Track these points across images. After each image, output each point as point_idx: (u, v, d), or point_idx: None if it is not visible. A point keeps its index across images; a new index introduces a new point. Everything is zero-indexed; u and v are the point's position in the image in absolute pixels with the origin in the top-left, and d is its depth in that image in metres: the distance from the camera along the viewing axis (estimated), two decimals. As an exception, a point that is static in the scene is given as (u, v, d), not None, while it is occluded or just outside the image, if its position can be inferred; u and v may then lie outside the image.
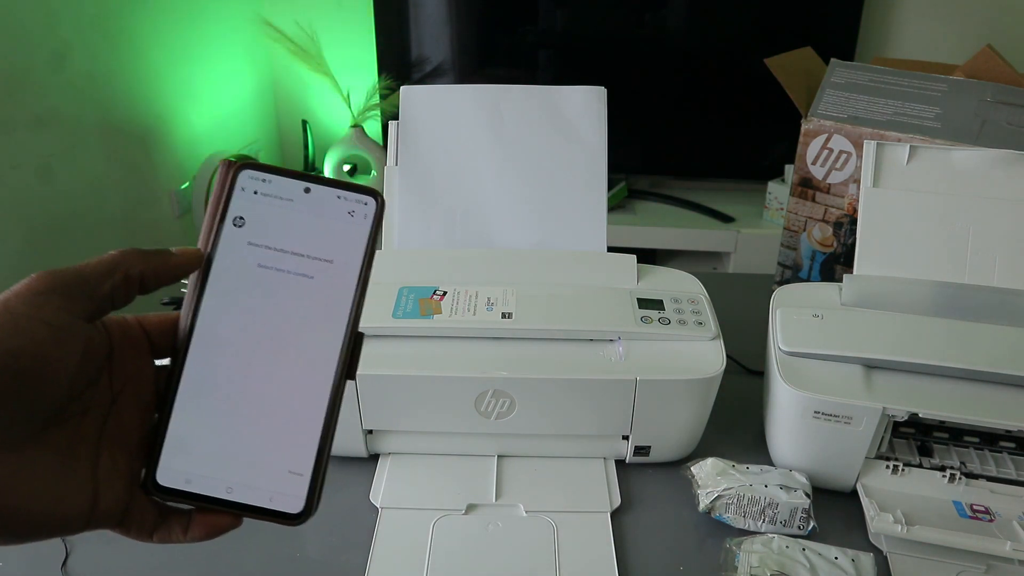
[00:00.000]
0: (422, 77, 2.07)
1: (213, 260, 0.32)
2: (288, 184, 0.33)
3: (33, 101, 1.34)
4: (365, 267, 0.33)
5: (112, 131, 1.55)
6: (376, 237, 0.33)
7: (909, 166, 0.72)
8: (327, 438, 0.32)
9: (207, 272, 0.32)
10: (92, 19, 1.47)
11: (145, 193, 1.68)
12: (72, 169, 1.44)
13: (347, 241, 0.33)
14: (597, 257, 0.73)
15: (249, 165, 0.33)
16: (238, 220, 0.33)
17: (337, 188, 0.33)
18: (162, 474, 0.31)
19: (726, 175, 2.15)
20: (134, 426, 0.31)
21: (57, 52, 1.39)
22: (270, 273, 0.32)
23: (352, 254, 0.33)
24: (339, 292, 0.32)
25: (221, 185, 0.33)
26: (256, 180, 0.33)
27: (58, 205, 1.41)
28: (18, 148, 1.30)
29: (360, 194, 0.33)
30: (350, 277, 0.32)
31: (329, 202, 0.33)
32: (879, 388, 0.60)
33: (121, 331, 0.32)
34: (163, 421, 0.31)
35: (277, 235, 0.32)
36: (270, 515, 0.31)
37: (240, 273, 0.32)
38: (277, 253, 0.32)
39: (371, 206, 0.33)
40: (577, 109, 0.75)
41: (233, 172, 0.33)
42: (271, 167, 0.33)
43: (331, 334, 0.32)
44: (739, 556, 0.55)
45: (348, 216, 0.33)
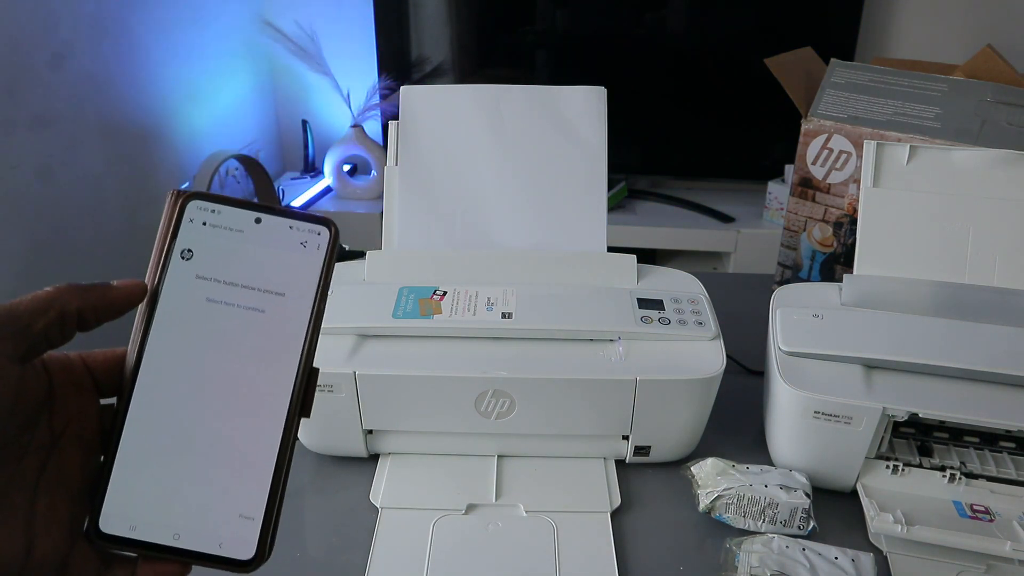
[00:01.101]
0: (422, 77, 2.07)
1: (160, 294, 0.31)
2: (238, 215, 0.32)
3: (33, 101, 1.34)
4: (318, 300, 0.32)
5: (112, 131, 1.55)
6: (330, 268, 0.32)
7: (909, 166, 0.72)
8: (279, 479, 0.30)
9: (153, 306, 0.31)
10: (92, 19, 1.47)
11: (145, 193, 1.68)
12: (72, 169, 1.44)
13: (299, 273, 0.32)
14: (597, 257, 0.73)
15: (197, 195, 0.32)
16: (186, 253, 0.31)
17: (289, 218, 0.32)
18: (105, 521, 0.29)
19: (726, 175, 2.15)
20: (76, 469, 0.30)
21: (57, 52, 1.39)
22: (219, 307, 0.31)
23: (304, 286, 0.32)
24: (291, 326, 0.31)
25: (169, 216, 0.32)
26: (205, 211, 0.32)
27: (58, 205, 1.41)
28: (18, 148, 1.30)
29: (312, 224, 0.32)
30: (302, 310, 0.31)
31: (281, 233, 0.32)
32: (879, 388, 0.60)
33: (62, 369, 0.30)
34: (107, 464, 0.30)
35: (227, 268, 0.31)
36: (220, 562, 0.30)
37: (188, 308, 0.31)
38: (227, 286, 0.31)
39: (324, 236, 0.32)
40: (577, 109, 0.75)
41: (181, 202, 0.32)
42: (220, 197, 0.32)
43: (283, 370, 0.31)
44: (739, 556, 0.55)
45: (300, 247, 0.32)
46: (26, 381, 0.28)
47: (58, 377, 0.30)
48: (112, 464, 0.30)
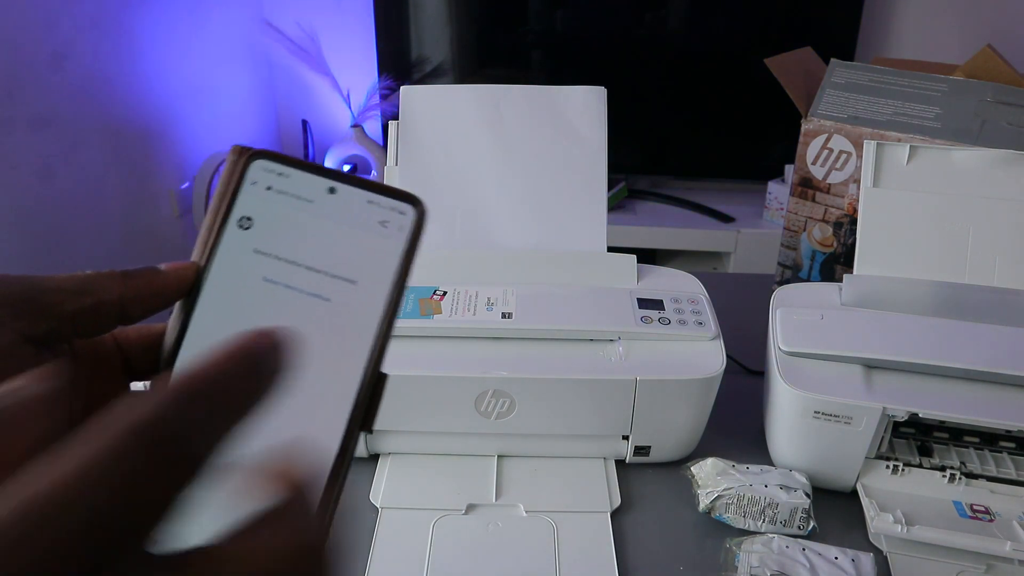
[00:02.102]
0: (422, 77, 2.07)
1: (211, 266, 0.27)
2: (309, 181, 0.27)
3: (33, 101, 1.34)
4: (395, 292, 0.26)
5: (112, 131, 1.55)
6: (413, 256, 0.27)
7: (909, 166, 0.72)
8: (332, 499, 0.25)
9: (202, 279, 0.27)
10: (92, 19, 1.48)
11: (145, 193, 1.68)
12: (72, 169, 1.44)
13: (376, 258, 0.27)
14: (597, 257, 0.73)
15: (264, 154, 0.27)
16: (244, 221, 0.27)
17: (369, 191, 0.27)
18: None
19: (726, 175, 2.15)
20: None
21: (57, 52, 1.39)
22: (278, 290, 0.26)
23: (380, 274, 0.27)
24: (360, 321, 0.26)
25: (228, 176, 0.27)
26: (271, 173, 0.27)
27: (58, 205, 1.41)
28: (18, 148, 1.31)
29: (397, 200, 0.27)
30: (375, 303, 0.26)
31: (358, 207, 0.27)
32: (879, 388, 0.60)
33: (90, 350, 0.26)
34: None
35: (290, 243, 0.27)
36: None
37: (241, 286, 0.27)
38: (288, 266, 0.27)
39: (409, 216, 0.27)
40: (577, 109, 0.75)
41: (244, 161, 0.27)
42: (291, 159, 0.27)
43: (346, 373, 0.26)
44: (739, 556, 0.55)
45: (380, 227, 0.27)
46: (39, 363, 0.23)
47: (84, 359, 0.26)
48: None
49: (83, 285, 0.24)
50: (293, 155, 0.27)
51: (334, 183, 0.27)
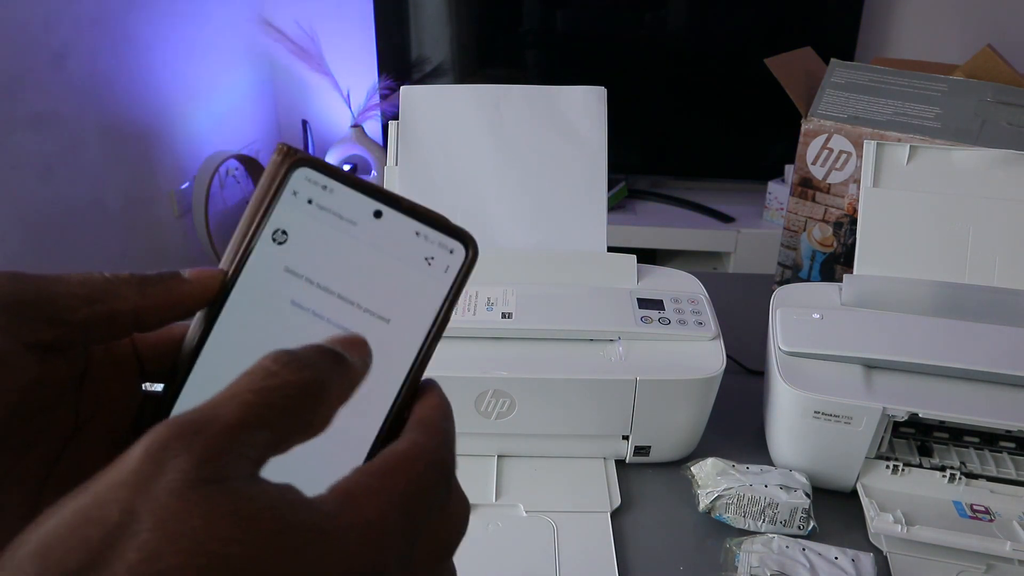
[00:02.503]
0: (422, 77, 2.07)
1: (239, 278, 0.25)
2: (355, 200, 0.24)
3: (33, 101, 1.34)
4: (431, 338, 0.24)
5: (112, 131, 1.55)
6: (456, 300, 0.25)
7: (909, 166, 0.72)
8: None
9: (228, 291, 0.25)
10: (92, 19, 1.48)
11: (145, 193, 1.68)
12: (72, 169, 1.44)
13: (416, 296, 0.24)
14: (597, 257, 0.73)
15: (310, 162, 0.25)
16: (279, 234, 0.24)
17: (419, 221, 0.25)
18: None
19: (726, 175, 2.15)
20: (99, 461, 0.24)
21: (57, 52, 1.39)
22: (305, 316, 0.24)
23: (418, 315, 0.24)
24: (389, 364, 0.24)
25: (270, 180, 0.25)
26: (314, 185, 0.24)
27: (58, 205, 1.41)
28: (18, 148, 1.31)
29: (447, 236, 0.25)
30: (408, 348, 0.24)
31: (404, 238, 0.25)
32: (879, 388, 0.60)
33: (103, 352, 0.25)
34: None
35: (326, 267, 0.24)
36: None
37: (267, 306, 0.24)
38: (320, 292, 0.24)
39: (458, 255, 0.25)
40: (577, 109, 0.75)
41: (287, 167, 0.24)
42: (338, 171, 0.25)
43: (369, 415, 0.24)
44: (739, 556, 0.55)
45: (424, 263, 0.25)
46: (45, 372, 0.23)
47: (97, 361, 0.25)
48: None
49: (96, 292, 0.23)
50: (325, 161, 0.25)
51: (381, 206, 0.25)
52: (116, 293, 0.23)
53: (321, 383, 0.20)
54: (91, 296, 0.22)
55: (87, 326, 0.23)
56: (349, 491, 0.19)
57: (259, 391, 0.19)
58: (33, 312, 0.22)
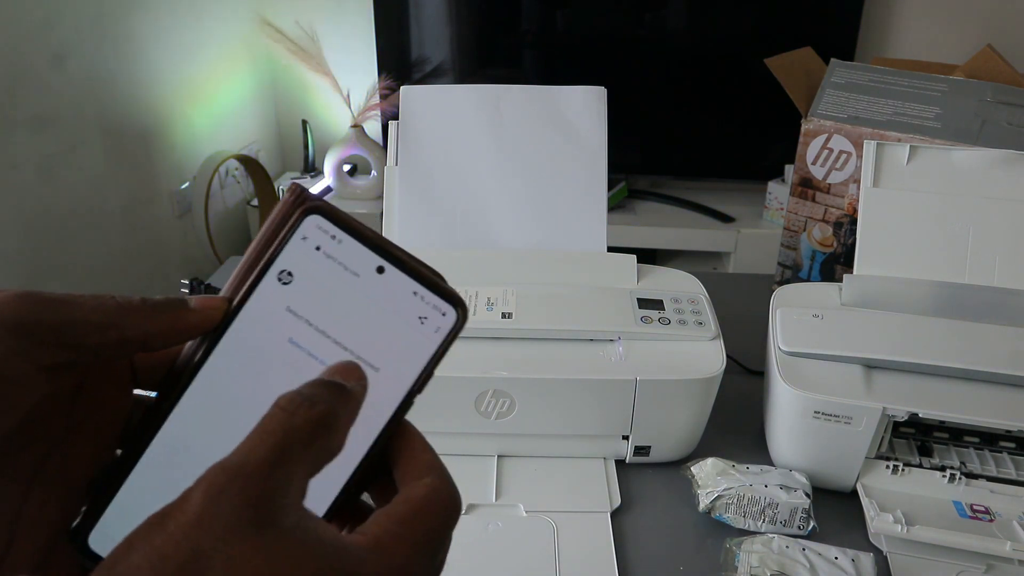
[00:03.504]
0: (422, 77, 2.07)
1: (241, 311, 0.26)
2: (360, 254, 0.26)
3: (33, 101, 1.34)
4: (414, 388, 0.26)
5: (112, 131, 1.55)
6: (441, 357, 0.27)
7: (909, 166, 0.72)
8: None
9: (229, 321, 0.26)
10: (92, 19, 1.48)
11: (145, 193, 1.68)
12: (72, 169, 1.44)
13: (405, 351, 0.26)
14: (597, 257, 0.73)
15: (322, 210, 0.26)
16: (285, 275, 0.26)
17: (418, 282, 0.26)
18: (97, 537, 0.24)
19: (726, 175, 2.15)
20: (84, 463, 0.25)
21: (57, 52, 1.39)
22: (300, 355, 0.26)
23: (405, 368, 0.26)
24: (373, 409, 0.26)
25: (282, 218, 0.26)
26: (323, 234, 0.26)
27: (58, 205, 1.41)
28: (18, 148, 1.31)
29: (441, 299, 0.27)
30: (392, 395, 0.26)
31: (401, 295, 0.26)
32: (879, 388, 0.60)
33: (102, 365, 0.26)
34: (123, 471, 0.25)
35: (326, 312, 0.26)
36: None
37: (266, 340, 0.26)
38: (317, 334, 0.26)
39: (449, 318, 0.27)
40: (577, 109, 0.75)
41: (299, 214, 0.26)
42: (349, 222, 0.26)
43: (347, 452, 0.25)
44: (739, 556, 0.55)
45: (418, 321, 0.26)
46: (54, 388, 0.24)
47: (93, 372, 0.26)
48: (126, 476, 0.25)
49: (110, 318, 0.24)
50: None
51: (384, 263, 0.26)
52: (127, 320, 0.24)
53: (334, 413, 0.22)
54: (105, 323, 0.24)
55: (98, 350, 0.24)
56: (379, 539, 0.22)
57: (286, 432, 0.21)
58: (51, 337, 0.23)
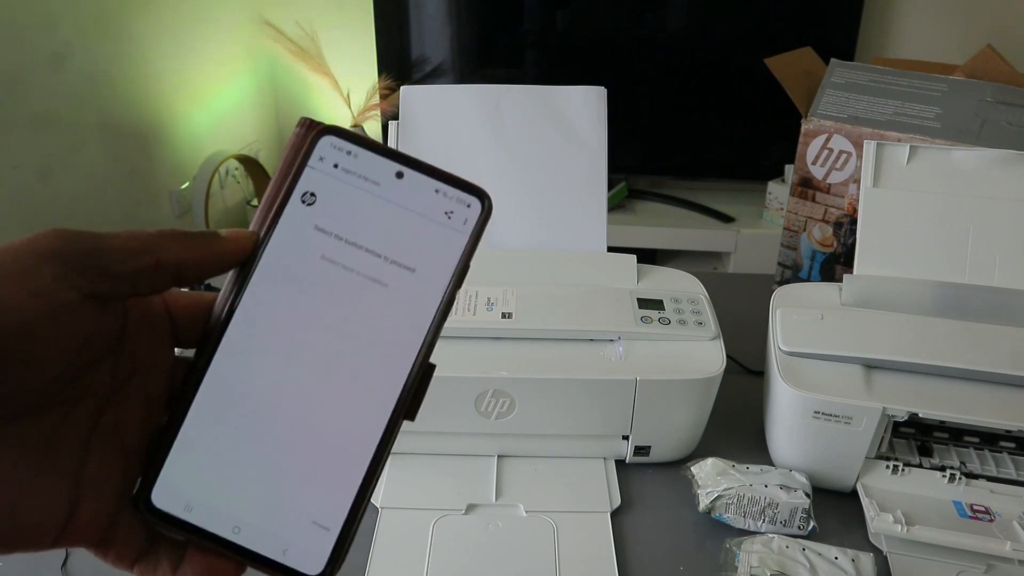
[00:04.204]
0: (422, 77, 2.07)
1: (269, 239, 0.26)
2: (377, 163, 0.27)
3: (33, 101, 1.34)
4: (453, 285, 0.27)
5: (112, 131, 1.55)
6: (474, 249, 0.27)
7: (909, 166, 0.72)
8: (367, 490, 0.25)
9: (258, 252, 0.26)
10: (92, 19, 1.48)
11: (145, 193, 1.68)
12: (72, 169, 1.44)
13: (437, 248, 0.27)
14: (597, 257, 0.73)
15: (334, 130, 0.27)
16: (308, 197, 0.27)
17: (437, 179, 0.27)
18: (159, 494, 0.25)
19: (726, 175, 2.15)
20: (136, 424, 0.26)
21: (57, 52, 1.39)
22: (336, 270, 0.26)
23: (440, 265, 0.27)
24: (415, 309, 0.26)
25: (295, 150, 0.27)
26: (339, 151, 0.27)
27: (58, 205, 1.41)
28: (18, 148, 1.31)
29: (464, 192, 0.27)
30: (432, 293, 0.26)
31: (424, 195, 0.27)
32: (879, 388, 0.60)
33: (140, 310, 0.26)
34: (172, 428, 0.25)
35: (353, 224, 0.26)
36: (280, 570, 0.25)
37: (299, 262, 0.26)
38: (349, 247, 0.26)
39: (475, 209, 0.27)
40: (577, 109, 0.75)
41: (313, 136, 0.27)
42: (360, 137, 0.27)
43: (397, 360, 0.26)
44: (739, 556, 0.55)
45: (444, 217, 0.27)
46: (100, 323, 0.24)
47: (133, 318, 0.26)
48: (178, 429, 0.25)
49: (144, 244, 0.24)
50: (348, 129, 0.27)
51: (402, 167, 0.27)
52: (161, 246, 0.24)
53: None
54: (140, 248, 0.24)
55: (135, 277, 0.24)
56: None
57: None
58: (89, 263, 0.23)
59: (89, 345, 0.24)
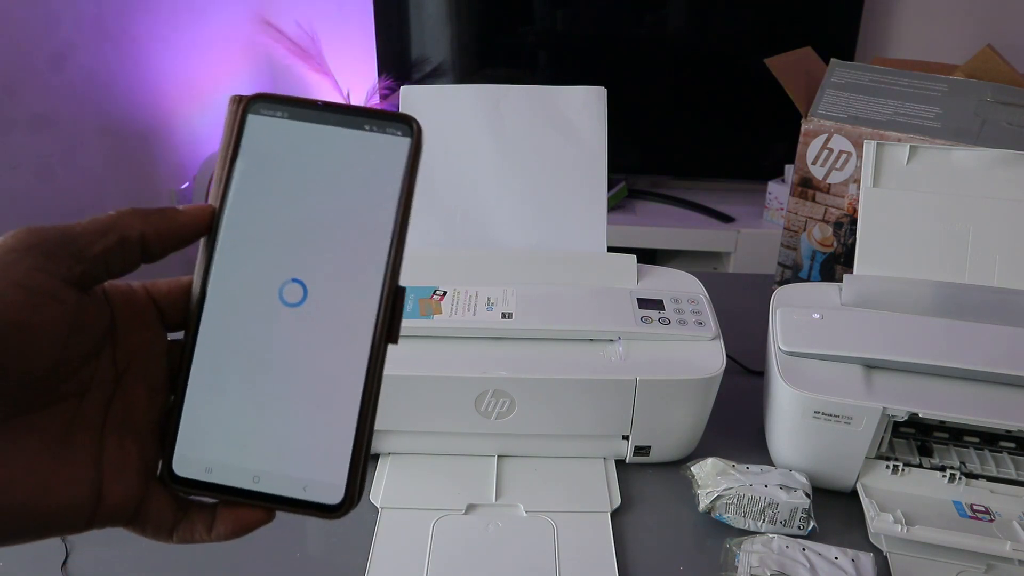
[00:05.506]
0: (422, 77, 2.07)
1: (224, 212, 0.28)
2: (308, 115, 0.28)
3: (33, 101, 1.34)
4: (402, 210, 0.28)
5: (112, 131, 1.55)
6: (413, 173, 0.28)
7: (909, 166, 0.72)
8: (367, 414, 0.27)
9: (218, 226, 0.28)
10: (92, 19, 1.48)
11: (145, 193, 1.68)
12: (72, 169, 1.44)
13: (380, 179, 0.28)
14: (597, 257, 0.73)
15: (261, 97, 0.29)
16: (250, 163, 0.28)
17: (366, 117, 0.28)
18: (180, 463, 0.27)
19: (726, 175, 2.15)
20: (144, 408, 0.28)
21: (57, 52, 1.39)
22: (292, 221, 0.28)
23: (385, 196, 0.28)
24: (372, 240, 0.28)
25: (230, 126, 0.29)
26: (269, 117, 0.28)
27: (58, 205, 1.41)
28: (18, 148, 1.30)
29: (391, 122, 0.28)
30: (384, 222, 0.28)
31: (356, 135, 0.28)
32: (879, 388, 0.60)
33: (125, 300, 0.28)
34: (178, 403, 0.28)
35: (297, 176, 0.28)
36: (305, 507, 0.27)
37: (255, 225, 0.28)
38: (298, 198, 0.28)
39: (407, 136, 0.28)
40: (577, 109, 0.75)
41: (242, 108, 0.28)
42: (286, 97, 0.29)
43: (366, 290, 0.28)
44: (739, 556, 0.55)
45: (380, 150, 0.28)
46: (85, 308, 0.26)
47: (121, 308, 0.28)
48: (183, 402, 0.28)
49: (107, 225, 0.26)
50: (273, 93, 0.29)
51: (332, 114, 0.28)
52: (123, 223, 0.26)
53: None
54: (102, 229, 0.26)
55: (105, 257, 0.26)
56: None
57: None
58: (60, 250, 0.25)
59: (79, 332, 0.25)
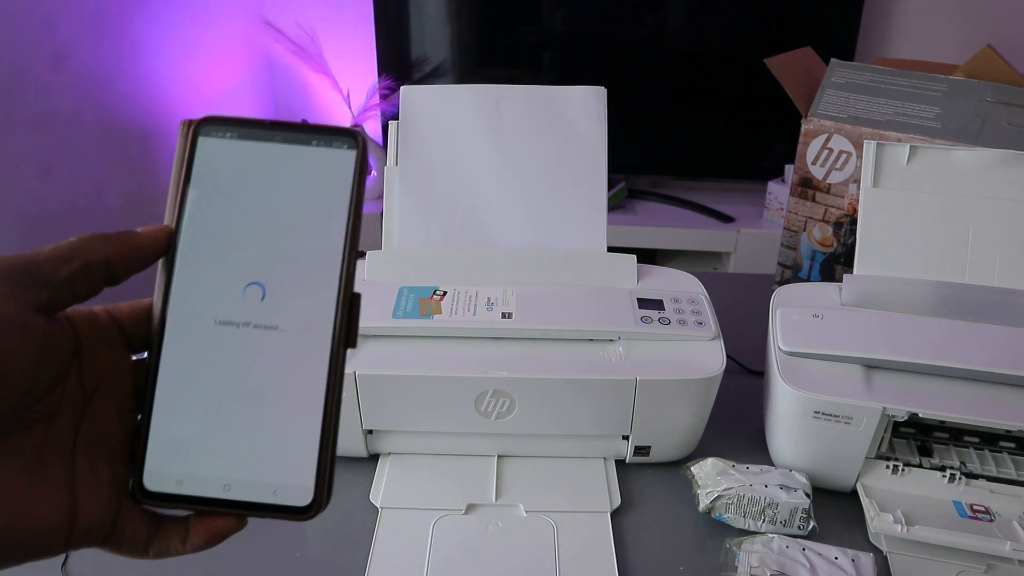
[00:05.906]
0: (422, 77, 2.07)
1: (181, 231, 0.29)
2: (255, 134, 0.30)
3: (33, 101, 1.34)
4: (352, 220, 0.29)
5: (112, 131, 1.55)
6: (360, 184, 0.29)
7: (909, 166, 0.72)
8: (331, 418, 0.28)
9: (176, 241, 0.29)
10: (92, 19, 1.47)
11: (145, 193, 1.68)
12: (72, 169, 1.44)
13: (329, 191, 0.29)
14: (597, 257, 0.73)
15: (210, 120, 0.30)
16: (203, 184, 0.29)
17: (310, 133, 0.30)
18: (150, 479, 0.28)
19: (726, 175, 2.15)
20: (113, 429, 0.28)
21: (57, 52, 1.39)
22: (245, 238, 0.29)
23: (335, 208, 0.29)
24: (325, 250, 0.29)
25: (181, 149, 0.30)
26: (219, 138, 0.29)
27: (58, 205, 1.41)
28: (18, 148, 1.30)
29: (336, 136, 0.29)
30: (335, 234, 0.29)
31: (303, 151, 0.29)
32: (879, 388, 0.60)
33: (88, 324, 0.29)
34: (145, 420, 0.28)
35: (249, 194, 0.29)
36: (276, 511, 0.28)
37: (211, 243, 0.29)
38: (251, 214, 0.29)
39: (351, 148, 0.29)
40: (577, 109, 0.75)
41: (193, 131, 0.29)
42: (234, 118, 0.30)
43: (322, 299, 0.29)
44: (739, 556, 0.55)
45: (327, 164, 0.29)
46: (52, 333, 0.26)
47: (84, 332, 0.28)
48: (150, 418, 0.28)
49: (70, 251, 0.27)
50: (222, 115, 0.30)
51: (279, 132, 0.30)
52: (86, 248, 0.27)
53: None
54: (66, 256, 0.26)
55: (71, 282, 0.26)
56: None
57: None
58: (26, 277, 0.25)
59: (47, 356, 0.26)
